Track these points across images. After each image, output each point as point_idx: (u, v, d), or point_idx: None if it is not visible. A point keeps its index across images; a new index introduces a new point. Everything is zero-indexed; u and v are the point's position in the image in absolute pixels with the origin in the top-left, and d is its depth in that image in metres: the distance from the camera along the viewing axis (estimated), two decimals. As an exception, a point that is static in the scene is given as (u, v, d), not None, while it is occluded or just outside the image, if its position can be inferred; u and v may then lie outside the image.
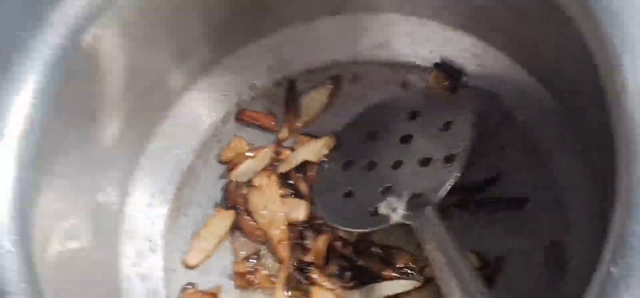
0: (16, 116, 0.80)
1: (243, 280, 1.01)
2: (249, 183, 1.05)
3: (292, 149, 1.08)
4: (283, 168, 1.06)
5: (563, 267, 0.89)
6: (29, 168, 0.80)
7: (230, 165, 1.08)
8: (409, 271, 0.94)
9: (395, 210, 0.88)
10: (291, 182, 1.05)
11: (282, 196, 1.03)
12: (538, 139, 0.97)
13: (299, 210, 1.02)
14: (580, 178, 0.90)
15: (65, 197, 0.90)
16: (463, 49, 1.03)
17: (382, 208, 0.90)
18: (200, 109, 1.11)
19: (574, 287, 0.87)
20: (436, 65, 1.05)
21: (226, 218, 1.05)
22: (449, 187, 0.88)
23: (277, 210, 1.01)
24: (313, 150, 1.06)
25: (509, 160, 0.97)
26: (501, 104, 1.01)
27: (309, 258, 0.98)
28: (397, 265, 0.95)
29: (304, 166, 1.05)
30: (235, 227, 1.05)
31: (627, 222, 0.60)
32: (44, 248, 0.83)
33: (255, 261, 1.02)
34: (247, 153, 1.08)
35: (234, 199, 1.05)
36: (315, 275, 0.97)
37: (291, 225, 1.02)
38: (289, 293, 0.99)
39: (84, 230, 0.94)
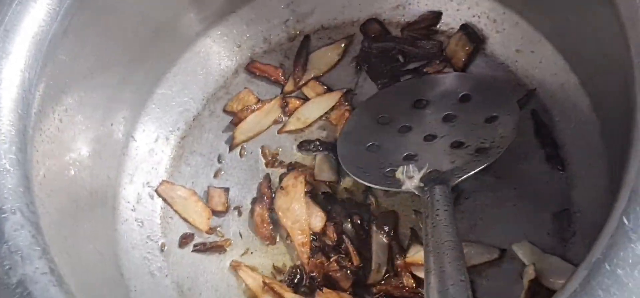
0: (24, 35, 0.78)
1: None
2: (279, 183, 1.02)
3: (300, 99, 1.07)
4: (295, 125, 1.06)
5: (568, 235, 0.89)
6: (33, 90, 0.79)
7: (235, 118, 1.07)
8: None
9: (411, 178, 0.87)
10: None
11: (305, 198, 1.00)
12: (549, 109, 0.97)
13: (317, 219, 0.98)
14: (589, 152, 0.89)
15: (69, 127, 0.89)
16: (482, 13, 1.03)
17: (399, 173, 0.89)
18: (213, 58, 1.10)
19: (579, 249, 0.87)
20: (463, 26, 1.04)
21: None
22: (467, 176, 0.87)
23: (301, 212, 0.98)
24: (326, 105, 1.05)
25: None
26: (515, 74, 1.01)
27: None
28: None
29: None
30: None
31: (642, 173, 0.59)
32: (44, 175, 0.82)
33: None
34: (253, 106, 1.07)
35: (261, 191, 1.02)
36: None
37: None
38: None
39: (85, 166, 0.93)
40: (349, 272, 0.93)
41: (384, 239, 0.93)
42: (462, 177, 0.86)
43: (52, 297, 0.70)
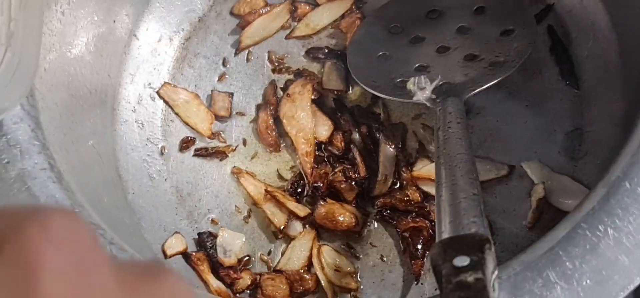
0: None
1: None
2: (285, 90, 0.99)
3: (310, 5, 1.04)
4: (304, 31, 1.03)
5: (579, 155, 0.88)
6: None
7: (242, 22, 1.04)
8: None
9: (422, 89, 0.85)
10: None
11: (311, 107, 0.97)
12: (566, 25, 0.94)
13: (324, 128, 0.96)
14: (605, 71, 0.88)
15: (71, 22, 0.87)
16: None
17: (410, 84, 0.87)
18: (222, -44, 1.07)
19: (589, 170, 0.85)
20: None
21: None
22: (480, 89, 0.84)
23: (306, 121, 0.96)
24: (336, 12, 1.02)
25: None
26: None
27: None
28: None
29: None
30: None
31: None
32: (45, 69, 0.81)
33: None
34: (262, 10, 1.03)
35: (266, 97, 1.00)
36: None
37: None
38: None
39: (87, 63, 0.91)
40: (353, 183, 0.91)
41: (392, 150, 0.91)
42: (475, 90, 0.84)
43: (51, 192, 0.69)
